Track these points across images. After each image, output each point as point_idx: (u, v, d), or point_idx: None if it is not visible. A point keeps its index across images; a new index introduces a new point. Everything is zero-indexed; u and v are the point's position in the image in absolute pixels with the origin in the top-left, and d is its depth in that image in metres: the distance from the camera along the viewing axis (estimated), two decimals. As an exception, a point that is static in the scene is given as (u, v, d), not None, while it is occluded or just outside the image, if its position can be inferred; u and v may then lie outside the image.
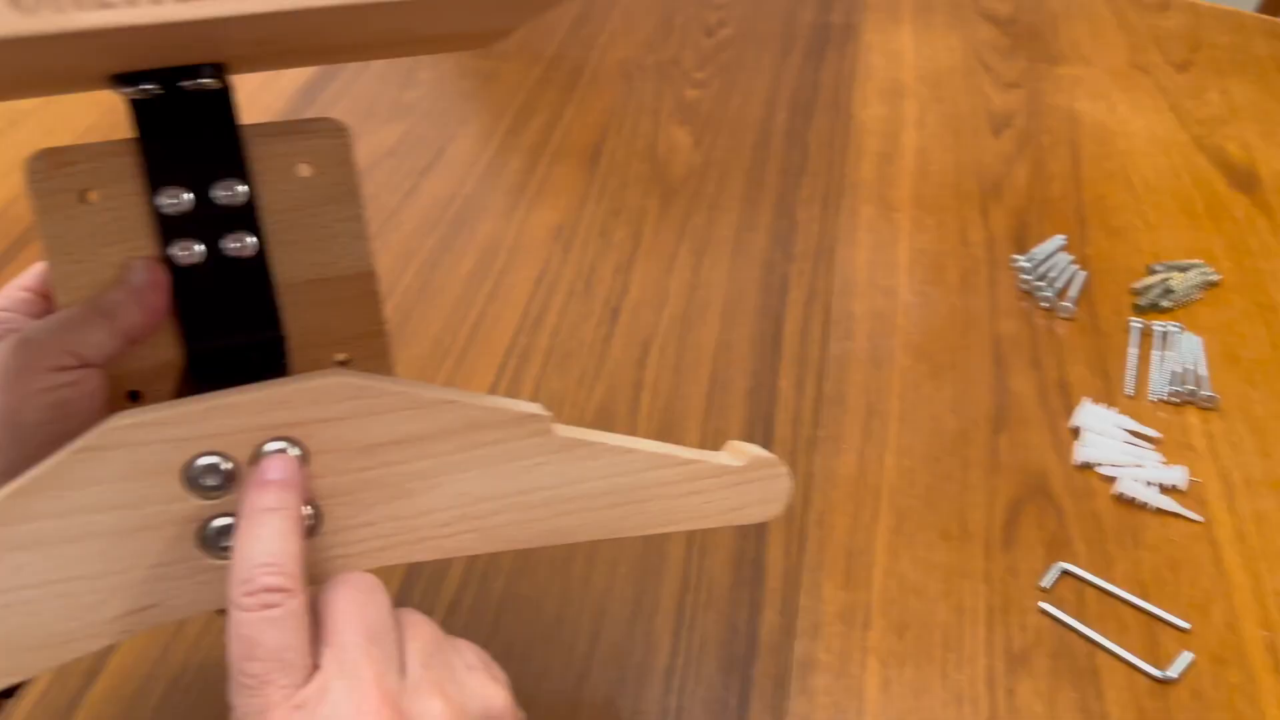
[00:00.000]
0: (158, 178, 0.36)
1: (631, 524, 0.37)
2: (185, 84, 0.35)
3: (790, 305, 0.70)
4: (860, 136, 0.87)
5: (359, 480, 0.33)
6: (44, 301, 0.39)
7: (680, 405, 0.63)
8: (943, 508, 0.58)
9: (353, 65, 0.99)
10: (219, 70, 0.36)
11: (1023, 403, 0.64)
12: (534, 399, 0.41)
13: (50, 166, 0.36)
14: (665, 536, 0.56)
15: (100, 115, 0.93)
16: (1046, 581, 0.54)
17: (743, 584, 0.53)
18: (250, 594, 0.29)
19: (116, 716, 0.48)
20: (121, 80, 0.35)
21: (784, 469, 0.38)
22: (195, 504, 0.31)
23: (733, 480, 0.38)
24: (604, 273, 0.74)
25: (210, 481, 0.31)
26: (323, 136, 0.39)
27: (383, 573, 0.54)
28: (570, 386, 0.65)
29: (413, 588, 0.53)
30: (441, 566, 0.54)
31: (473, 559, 0.55)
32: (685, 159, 0.85)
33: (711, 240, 0.76)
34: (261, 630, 0.29)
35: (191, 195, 0.37)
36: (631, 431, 0.62)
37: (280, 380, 0.33)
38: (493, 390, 0.65)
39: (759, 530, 0.56)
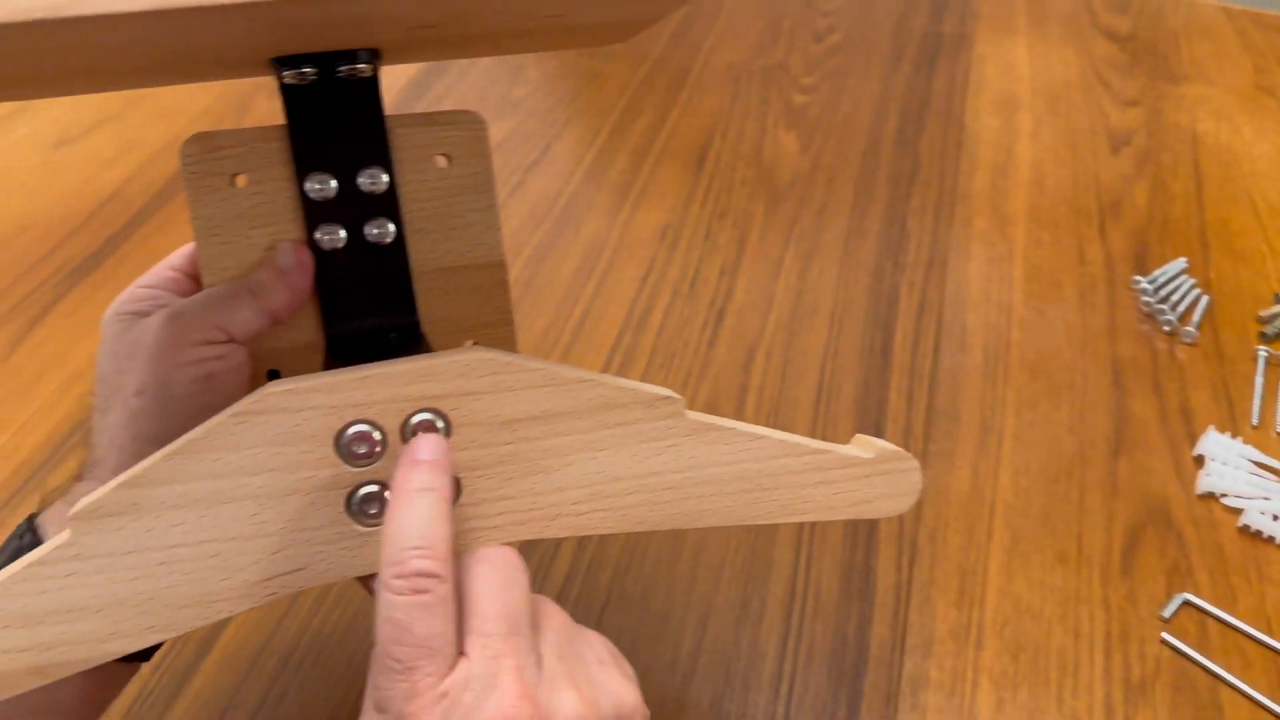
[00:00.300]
0: (306, 164, 0.37)
1: (759, 511, 0.36)
2: (341, 69, 0.36)
3: (901, 315, 0.69)
4: (973, 147, 0.85)
5: (498, 454, 0.34)
6: (190, 282, 0.40)
7: (787, 411, 0.62)
8: (1059, 530, 0.56)
9: (460, 62, 1.00)
10: (374, 57, 0.37)
11: (1143, 427, 0.62)
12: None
13: (203, 150, 0.37)
14: (773, 541, 0.55)
15: (214, 99, 0.95)
16: (1167, 611, 0.52)
17: (852, 595, 0.52)
18: (402, 576, 0.29)
19: (230, 686, 0.49)
20: (282, 63, 0.36)
21: (915, 463, 0.37)
22: (345, 471, 0.32)
23: (862, 472, 0.37)
24: (709, 275, 0.74)
25: (360, 449, 0.32)
26: (461, 128, 0.40)
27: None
28: (675, 387, 0.65)
29: (519, 579, 0.53)
30: (549, 556, 0.54)
31: (580, 551, 0.54)
32: (792, 164, 0.84)
33: (819, 246, 0.75)
34: (412, 615, 0.29)
35: (336, 182, 0.37)
36: (738, 435, 0.61)
37: (428, 355, 0.33)
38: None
39: (869, 542, 0.55)
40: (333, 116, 0.37)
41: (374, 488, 0.32)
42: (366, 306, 0.39)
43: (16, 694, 0.30)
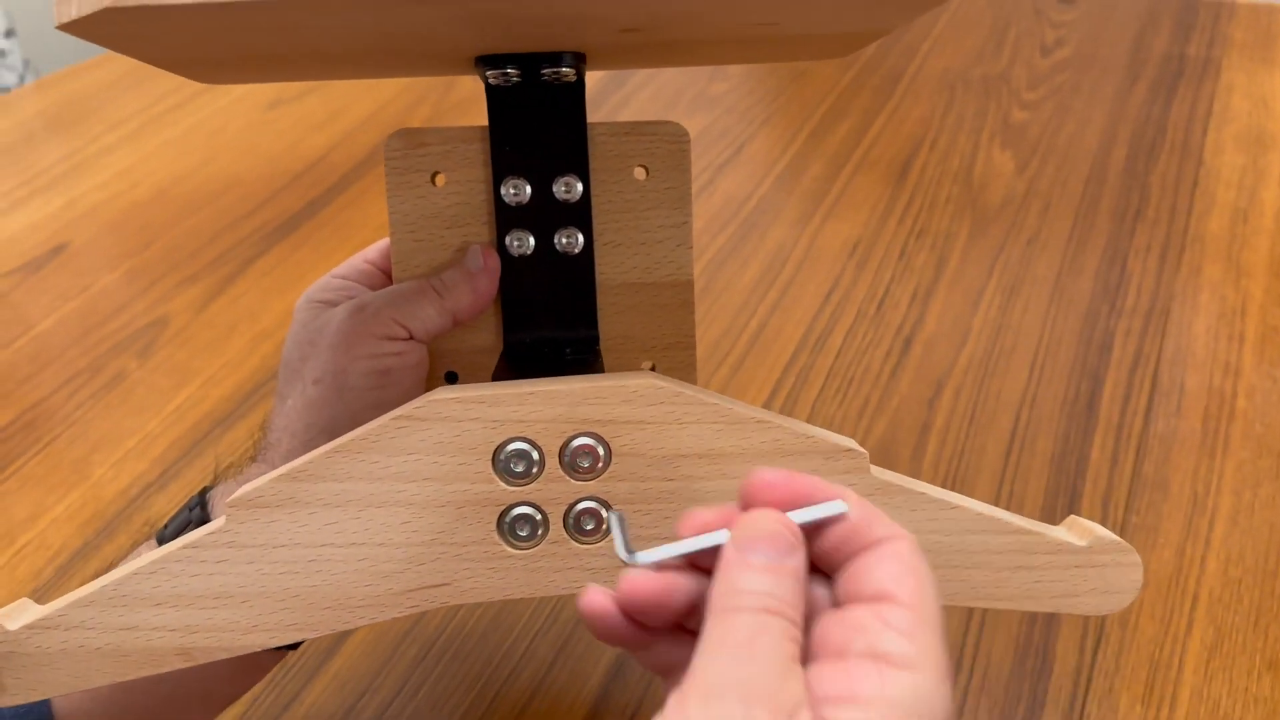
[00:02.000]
0: (503, 167, 0.37)
1: (947, 591, 0.33)
2: (545, 72, 0.36)
3: (1113, 366, 0.63)
4: (1211, 186, 0.77)
5: (656, 490, 0.32)
6: (383, 276, 0.41)
7: (973, 459, 0.58)
8: (1273, 632, 0.50)
9: (663, 49, 0.98)
10: (578, 61, 0.36)
11: (1389, 527, 0.54)
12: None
13: (406, 146, 0.38)
14: (941, 602, 0.51)
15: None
16: (1399, 748, 0.45)
17: (1024, 675, 0.48)
18: None
19: (370, 670, 0.49)
20: (486, 62, 0.35)
21: (1136, 558, 0.33)
22: (500, 488, 0.31)
23: (1072, 561, 0.33)
24: (899, 298, 0.69)
25: (517, 468, 0.31)
26: (663, 140, 0.39)
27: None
28: (849, 416, 0.61)
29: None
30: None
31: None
32: (1005, 185, 0.78)
33: (1026, 279, 0.70)
34: None
35: (531, 188, 0.37)
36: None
37: (594, 375, 0.32)
38: (765, 409, 0.62)
39: (1050, 618, 0.50)
40: (534, 120, 0.37)
41: (527, 509, 0.31)
42: (548, 316, 0.38)
43: (162, 672, 0.30)
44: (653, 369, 0.41)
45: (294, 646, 0.38)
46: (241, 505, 0.30)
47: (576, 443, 0.31)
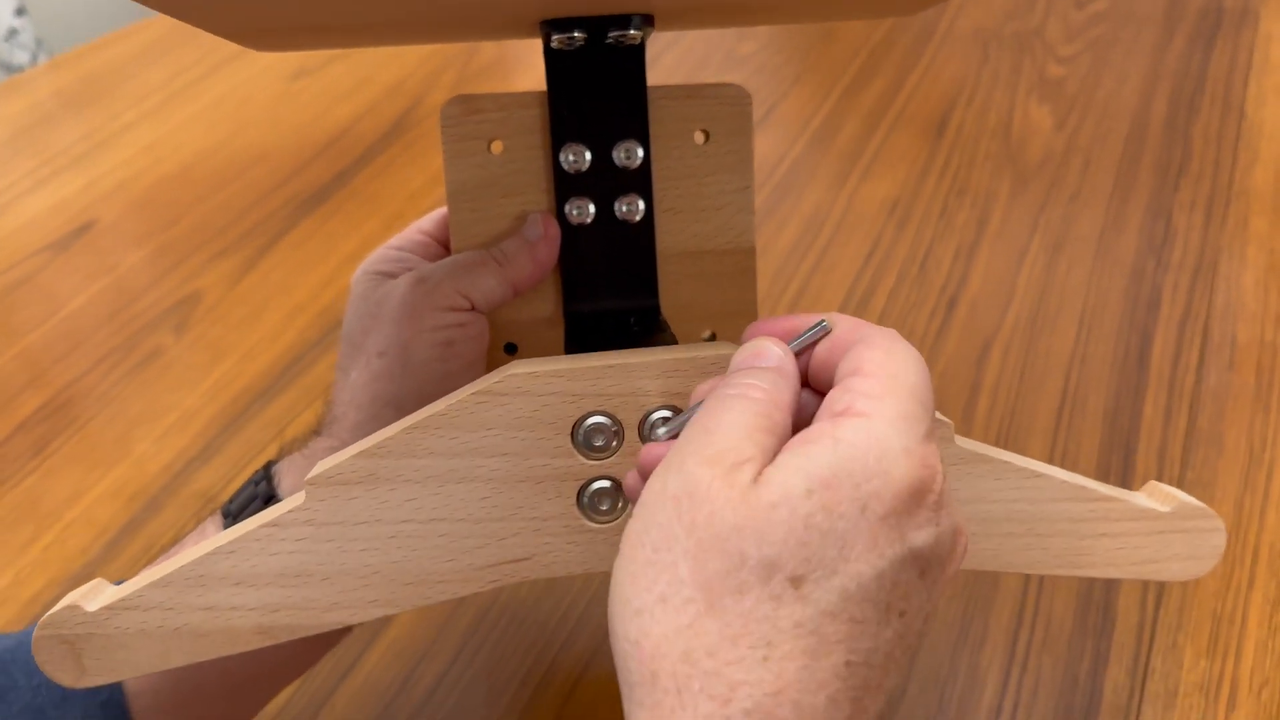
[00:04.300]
0: (562, 133, 0.36)
1: (1028, 559, 0.32)
2: (612, 34, 0.35)
3: (1161, 322, 0.62)
4: (1254, 139, 0.76)
5: None
6: (439, 246, 0.40)
7: (1024, 419, 0.57)
8: (1337, 586, 0.49)
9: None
10: (646, 23, 0.35)
11: None
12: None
13: (463, 113, 0.37)
14: (999, 561, 0.50)
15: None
16: None
17: (1087, 631, 0.47)
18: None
19: (426, 637, 0.48)
20: (552, 26, 0.35)
21: (1219, 523, 0.33)
22: (580, 463, 0.30)
23: (1155, 527, 0.32)
24: (942, 257, 0.68)
25: (597, 441, 0.30)
26: (724, 103, 0.38)
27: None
28: (896, 376, 0.60)
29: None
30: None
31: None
32: (1044, 141, 0.77)
33: (1070, 236, 0.69)
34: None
35: (590, 154, 0.37)
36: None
37: (670, 347, 0.31)
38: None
39: (1110, 574, 0.50)
40: (595, 85, 0.36)
41: (606, 484, 0.31)
42: (608, 286, 0.38)
43: (241, 651, 0.30)
44: (712, 338, 0.40)
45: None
46: (320, 483, 0.29)
47: (655, 415, 0.30)
